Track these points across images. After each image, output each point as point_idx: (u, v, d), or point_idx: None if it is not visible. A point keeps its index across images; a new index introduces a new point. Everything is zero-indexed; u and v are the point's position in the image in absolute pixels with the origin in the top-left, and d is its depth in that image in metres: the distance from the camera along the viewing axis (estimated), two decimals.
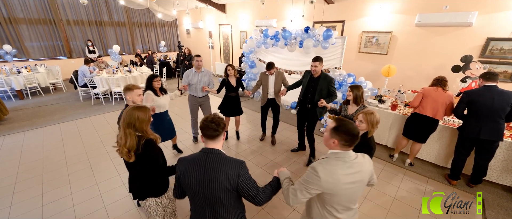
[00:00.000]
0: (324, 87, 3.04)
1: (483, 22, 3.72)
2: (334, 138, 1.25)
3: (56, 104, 5.97)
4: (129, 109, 1.52)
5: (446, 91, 2.94)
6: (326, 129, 1.33)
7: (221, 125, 1.31)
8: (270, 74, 3.59)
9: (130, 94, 2.17)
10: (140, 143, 1.49)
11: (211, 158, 1.28)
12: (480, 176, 2.89)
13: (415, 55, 4.54)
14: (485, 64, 3.55)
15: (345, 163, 1.24)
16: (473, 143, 2.76)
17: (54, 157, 3.54)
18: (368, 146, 1.85)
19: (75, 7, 8.45)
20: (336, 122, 1.29)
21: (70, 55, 8.80)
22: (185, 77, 3.50)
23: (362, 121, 1.87)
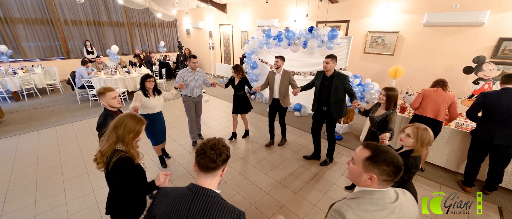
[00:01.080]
0: (339, 86, 2.85)
1: (496, 22, 3.59)
2: (370, 172, 0.91)
3: (53, 106, 5.81)
4: (124, 114, 1.43)
5: (447, 92, 2.82)
6: (356, 159, 0.97)
7: (223, 155, 0.99)
8: (277, 73, 3.48)
9: (104, 99, 2.01)
10: (113, 158, 1.33)
11: (199, 203, 0.94)
12: (496, 182, 2.76)
13: (423, 56, 4.41)
14: (498, 65, 3.42)
15: (384, 207, 0.89)
16: (487, 147, 2.63)
17: (49, 162, 3.39)
18: (407, 166, 1.41)
19: (73, 7, 8.30)
20: (369, 149, 0.94)
21: (67, 56, 8.64)
22: (179, 77, 3.44)
23: (410, 135, 1.54)
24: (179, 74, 3.44)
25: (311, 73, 5.19)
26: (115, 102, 2.05)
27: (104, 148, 1.34)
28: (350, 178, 1.02)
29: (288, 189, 2.89)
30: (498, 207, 2.66)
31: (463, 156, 3.08)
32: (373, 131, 2.46)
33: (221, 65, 9.52)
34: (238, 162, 3.48)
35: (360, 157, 0.95)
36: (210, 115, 5.37)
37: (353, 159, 1.00)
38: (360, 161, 0.94)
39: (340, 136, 4.26)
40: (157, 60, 9.19)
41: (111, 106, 2.04)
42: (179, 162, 3.45)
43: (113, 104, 2.04)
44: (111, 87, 2.09)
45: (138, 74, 6.46)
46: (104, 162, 1.34)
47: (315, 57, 5.00)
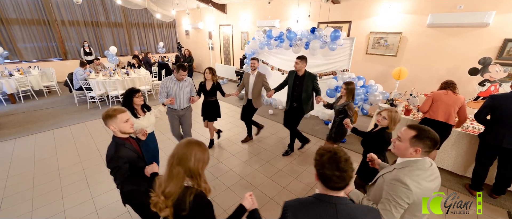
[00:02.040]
0: (309, 84, 3.16)
1: (501, 23, 3.54)
2: (416, 146, 1.22)
3: (50, 109, 5.70)
4: (185, 142, 1.13)
5: (457, 94, 2.77)
6: (402, 137, 1.29)
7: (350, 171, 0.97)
8: (251, 74, 3.57)
9: (114, 123, 1.57)
10: (186, 197, 1.06)
11: (344, 211, 0.95)
12: (504, 186, 2.71)
13: (427, 57, 4.36)
14: (504, 67, 3.37)
15: (426, 170, 1.21)
16: (496, 151, 2.58)
17: (46, 168, 3.29)
18: (384, 139, 1.99)
19: (70, 7, 8.17)
20: (414, 129, 1.25)
21: (65, 57, 8.52)
22: (162, 88, 2.95)
23: (386, 117, 1.99)
24: (161, 84, 2.96)
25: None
26: (128, 127, 1.62)
27: (170, 189, 1.06)
28: (396, 152, 1.34)
29: (279, 184, 2.83)
30: (507, 211, 2.61)
31: (470, 159, 3.03)
32: (336, 119, 2.86)
33: (221, 66, 9.43)
34: (240, 161, 3.41)
35: (407, 136, 1.26)
36: None
37: (399, 138, 1.31)
38: (407, 138, 1.26)
39: (344, 138, 4.19)
40: (156, 61, 9.09)
41: (122, 132, 1.61)
42: None
43: (126, 129, 1.61)
44: (121, 107, 1.65)
45: (137, 75, 6.36)
46: (171, 205, 1.07)
47: (317, 59, 4.93)
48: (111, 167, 1.51)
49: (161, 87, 2.98)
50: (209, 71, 3.36)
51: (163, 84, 2.98)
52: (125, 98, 2.34)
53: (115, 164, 1.50)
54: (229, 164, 3.43)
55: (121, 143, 1.61)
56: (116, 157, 1.52)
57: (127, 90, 2.37)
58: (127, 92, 2.34)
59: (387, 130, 2.01)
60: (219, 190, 2.88)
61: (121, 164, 1.51)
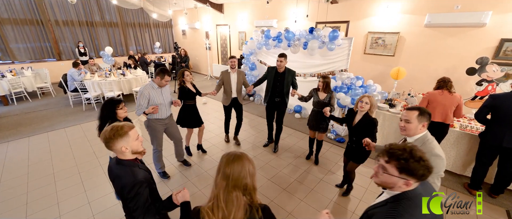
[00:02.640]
0: (289, 80, 3.37)
1: (497, 23, 3.57)
2: (423, 121, 1.51)
3: (44, 111, 5.58)
4: (232, 159, 1.01)
5: (453, 94, 2.78)
6: (410, 118, 1.52)
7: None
8: (232, 73, 3.53)
9: (125, 143, 1.29)
10: (255, 216, 0.99)
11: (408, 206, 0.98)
12: (503, 186, 2.73)
13: (424, 57, 4.38)
14: (501, 66, 3.40)
15: (433, 140, 1.53)
16: (496, 151, 2.59)
17: (41, 172, 3.21)
18: (373, 123, 2.27)
19: (64, 7, 8.02)
20: (415, 109, 1.52)
21: (59, 58, 8.36)
22: (143, 97, 2.56)
23: (368, 102, 2.27)
24: (141, 92, 2.56)
25: (311, 74, 5.12)
26: (140, 145, 1.40)
27: (238, 214, 0.97)
28: (408, 134, 1.56)
29: (280, 186, 2.81)
30: (506, 210, 2.63)
31: (469, 159, 3.05)
32: (315, 111, 3.12)
33: (218, 66, 9.37)
34: None
35: (413, 116, 1.51)
36: (209, 118, 5.24)
37: (408, 121, 1.53)
38: (414, 117, 1.51)
39: (342, 138, 4.19)
40: (152, 61, 8.99)
41: (134, 152, 1.36)
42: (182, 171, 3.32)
43: (138, 147, 1.38)
44: (128, 123, 1.38)
45: (133, 76, 6.27)
46: None
47: (316, 59, 4.92)
48: (132, 196, 1.24)
49: (141, 97, 2.56)
50: (190, 73, 3.19)
51: (143, 93, 2.56)
52: (106, 112, 1.98)
53: (137, 191, 1.25)
54: None
55: (133, 164, 1.34)
56: (139, 183, 1.26)
57: (106, 101, 2.02)
58: (107, 104, 2.00)
59: (370, 114, 2.30)
60: None
61: (142, 189, 1.27)
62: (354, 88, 4.07)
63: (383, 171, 1.02)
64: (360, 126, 2.33)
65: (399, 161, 0.97)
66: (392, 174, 0.99)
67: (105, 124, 1.99)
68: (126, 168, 1.31)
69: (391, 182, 1.01)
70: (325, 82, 2.98)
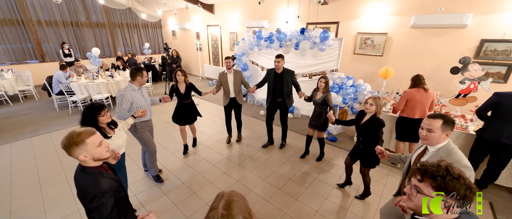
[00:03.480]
0: (289, 80, 3.40)
1: (478, 24, 3.76)
2: (447, 131, 1.43)
3: (27, 115, 5.33)
4: (227, 195, 0.88)
5: (427, 91, 2.96)
6: (433, 128, 1.44)
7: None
8: (228, 73, 3.57)
9: (83, 151, 1.20)
10: None
11: None
12: (489, 181, 2.85)
13: (411, 57, 4.54)
14: (482, 65, 3.57)
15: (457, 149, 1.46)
16: (491, 147, 2.66)
17: (25, 179, 3.06)
18: (380, 123, 2.28)
19: (47, 6, 7.71)
20: (439, 118, 1.44)
21: (42, 59, 8.02)
22: (126, 99, 2.44)
23: (373, 104, 2.29)
24: (123, 95, 2.43)
25: (303, 75, 5.18)
26: (104, 151, 1.30)
27: None
28: (431, 143, 1.48)
29: (276, 187, 2.83)
30: (489, 202, 2.77)
31: None
32: (317, 110, 3.20)
33: (210, 67, 9.30)
34: (236, 164, 3.37)
35: (437, 125, 1.43)
36: (202, 120, 5.18)
37: (430, 130, 1.45)
38: (438, 127, 1.43)
39: (335, 137, 4.27)
40: (142, 62, 8.80)
41: (96, 159, 1.27)
42: (173, 173, 3.27)
43: (101, 154, 1.28)
44: (88, 128, 1.28)
45: (122, 78, 6.11)
46: None
47: (307, 59, 4.99)
48: (94, 207, 1.17)
49: (124, 101, 2.43)
50: (181, 73, 3.23)
51: (126, 96, 2.44)
52: (87, 118, 1.82)
53: (99, 201, 1.18)
54: (222, 167, 3.38)
55: (97, 173, 1.27)
56: (101, 193, 1.20)
57: (87, 107, 1.85)
58: (89, 110, 1.83)
59: (376, 115, 2.31)
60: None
61: (106, 200, 1.20)
62: (345, 88, 4.16)
63: (417, 192, 0.89)
64: (366, 126, 2.36)
65: (435, 179, 0.85)
66: (428, 195, 0.87)
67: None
68: (89, 176, 1.24)
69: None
70: (324, 82, 3.07)
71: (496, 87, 3.69)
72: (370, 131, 2.34)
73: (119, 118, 2.47)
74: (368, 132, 2.35)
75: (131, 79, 2.56)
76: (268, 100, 3.61)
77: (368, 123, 2.34)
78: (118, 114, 2.48)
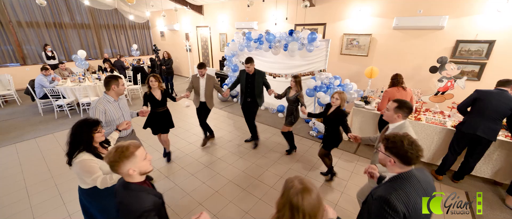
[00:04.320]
0: (260, 81, 3.61)
1: (453, 26, 4.01)
2: (399, 113, 1.87)
3: (10, 120, 5.13)
4: (303, 190, 0.95)
5: (406, 89, 3.20)
6: (389, 108, 1.92)
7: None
8: (201, 77, 3.58)
9: (133, 164, 1.20)
10: None
11: (420, 176, 1.19)
12: (465, 173, 3.08)
13: (394, 57, 4.77)
14: (457, 64, 3.82)
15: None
16: (468, 140, 2.85)
17: (11, 186, 2.98)
18: (343, 113, 2.67)
19: (28, 7, 7.41)
20: (396, 102, 1.89)
21: (23, 62, 7.71)
22: (98, 111, 2.18)
23: (338, 98, 2.66)
24: (95, 107, 2.18)
25: (293, 75, 5.29)
26: (148, 164, 1.29)
27: None
28: (388, 119, 1.97)
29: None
30: (465, 192, 2.99)
31: (436, 149, 3.39)
32: (289, 107, 3.43)
33: None
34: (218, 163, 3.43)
35: (392, 106, 1.91)
36: (193, 121, 5.19)
37: (387, 109, 1.95)
38: (392, 108, 1.91)
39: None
40: (130, 64, 8.64)
41: (143, 173, 1.25)
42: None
43: (147, 168, 1.27)
44: (133, 141, 1.26)
45: None
46: None
47: (296, 60, 5.12)
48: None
49: (96, 112, 2.16)
50: (155, 79, 2.99)
51: (98, 108, 2.17)
52: (79, 136, 1.60)
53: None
54: (215, 168, 3.42)
55: (142, 189, 1.22)
56: (146, 211, 1.14)
57: (80, 124, 1.62)
58: (82, 127, 1.61)
59: (341, 107, 2.70)
60: (209, 194, 2.87)
61: (151, 218, 1.16)
62: (333, 88, 4.31)
63: (379, 150, 1.31)
64: (332, 116, 2.74)
65: (385, 141, 1.24)
66: (382, 151, 1.26)
67: (75, 150, 1.60)
68: (134, 193, 1.19)
69: (382, 159, 1.27)
70: (295, 81, 3.31)
71: (470, 85, 3.96)
72: (335, 120, 2.73)
73: None
74: (333, 121, 2.75)
75: (106, 89, 2.27)
76: (241, 99, 3.84)
77: (333, 113, 2.73)
78: None
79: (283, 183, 1.02)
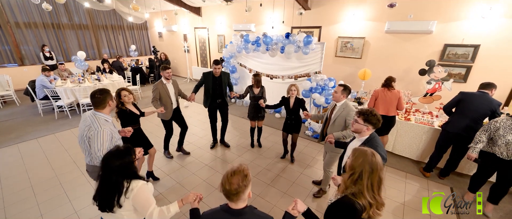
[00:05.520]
0: (226, 81, 3.73)
1: (441, 30, 4.22)
2: (344, 95, 2.50)
3: (9, 121, 5.18)
4: (368, 154, 1.21)
5: (392, 90, 3.36)
6: (338, 91, 2.48)
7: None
8: (167, 83, 3.27)
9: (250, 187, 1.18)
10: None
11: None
12: (450, 170, 3.27)
13: (386, 59, 4.96)
14: (444, 67, 4.03)
15: None
16: (452, 139, 3.03)
17: (16, 185, 3.07)
18: (302, 100, 3.26)
19: (26, 8, 7.43)
20: (342, 86, 2.50)
21: (21, 62, 7.71)
22: (107, 137, 1.84)
23: (295, 89, 3.20)
24: (105, 133, 1.83)
25: (289, 76, 5.46)
26: None
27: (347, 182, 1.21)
28: (336, 99, 2.52)
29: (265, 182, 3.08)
30: (450, 187, 3.18)
31: (423, 148, 3.58)
32: (252, 104, 3.75)
33: (198, 68, 9.38)
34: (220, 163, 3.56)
35: (339, 90, 2.48)
36: (192, 121, 5.32)
37: (336, 91, 2.50)
38: (340, 90, 2.48)
39: (319, 134, 4.58)
40: (128, 65, 8.70)
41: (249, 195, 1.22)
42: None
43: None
44: (244, 165, 1.20)
45: (109, 81, 6.08)
46: None
47: (292, 62, 5.28)
48: None
49: (104, 139, 1.81)
50: (128, 92, 2.68)
51: (105, 133, 1.83)
52: (127, 167, 1.37)
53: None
54: (216, 167, 3.56)
55: (251, 209, 1.24)
56: None
57: (115, 154, 1.37)
58: (120, 156, 1.36)
59: (298, 96, 3.25)
60: (208, 191, 3.00)
61: None
62: (327, 89, 4.48)
63: (356, 122, 1.82)
64: (295, 106, 3.26)
65: (364, 115, 1.78)
66: (360, 123, 1.80)
67: (117, 189, 1.32)
68: (249, 216, 1.16)
69: (360, 128, 1.81)
70: (256, 79, 3.63)
71: (457, 87, 4.17)
72: (298, 109, 3.24)
73: (99, 164, 1.52)
74: (296, 110, 3.26)
75: (99, 106, 1.88)
76: (207, 102, 3.75)
77: (296, 104, 3.26)
78: (98, 159, 1.73)
79: (353, 152, 1.28)
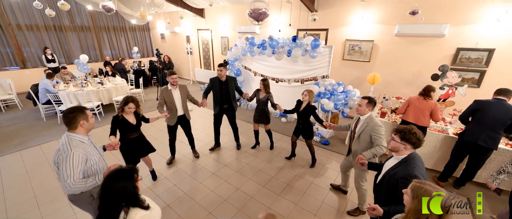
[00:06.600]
0: (233, 86, 3.68)
1: (454, 34, 4.10)
2: (369, 107, 2.36)
3: (12, 126, 5.11)
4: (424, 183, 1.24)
5: (428, 100, 3.16)
6: (361, 104, 2.34)
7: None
8: (173, 89, 3.23)
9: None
10: None
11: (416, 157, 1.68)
12: (466, 179, 3.16)
13: (395, 62, 4.85)
14: (458, 72, 3.90)
15: None
16: (470, 148, 2.92)
17: (19, 196, 2.98)
18: (313, 107, 3.21)
19: (27, 10, 7.35)
20: (365, 98, 2.36)
21: (23, 65, 7.65)
22: (79, 160, 1.64)
23: (307, 95, 3.16)
24: (77, 156, 1.62)
25: (295, 80, 5.36)
26: None
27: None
28: (360, 113, 2.38)
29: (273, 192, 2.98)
30: (467, 198, 3.07)
31: (437, 156, 3.47)
32: (259, 107, 3.77)
33: (201, 70, 9.29)
34: (231, 172, 3.47)
35: (363, 103, 2.34)
36: (196, 126, 5.23)
37: (360, 105, 2.35)
38: (364, 103, 2.34)
39: (327, 141, 4.48)
40: (131, 67, 8.61)
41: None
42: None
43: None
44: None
45: (113, 85, 5.99)
46: None
47: (299, 65, 5.17)
48: None
49: (74, 164, 1.60)
50: (132, 102, 2.62)
51: (76, 157, 1.62)
52: (124, 191, 1.25)
53: None
54: (222, 175, 3.46)
55: None
56: None
57: (116, 175, 1.26)
58: (121, 178, 1.26)
59: (310, 103, 3.19)
60: (217, 203, 2.92)
61: None
62: (336, 94, 4.37)
63: (392, 140, 1.68)
64: (305, 112, 3.23)
65: (401, 133, 1.63)
66: (397, 141, 1.65)
67: (117, 211, 1.20)
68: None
69: (397, 147, 1.65)
70: (264, 84, 3.62)
71: (471, 92, 4.06)
72: (307, 114, 3.24)
73: (71, 192, 1.60)
74: (306, 115, 3.25)
75: (71, 127, 1.70)
76: (215, 108, 3.76)
77: (305, 109, 3.22)
78: (68, 187, 1.57)
79: (413, 190, 1.24)
